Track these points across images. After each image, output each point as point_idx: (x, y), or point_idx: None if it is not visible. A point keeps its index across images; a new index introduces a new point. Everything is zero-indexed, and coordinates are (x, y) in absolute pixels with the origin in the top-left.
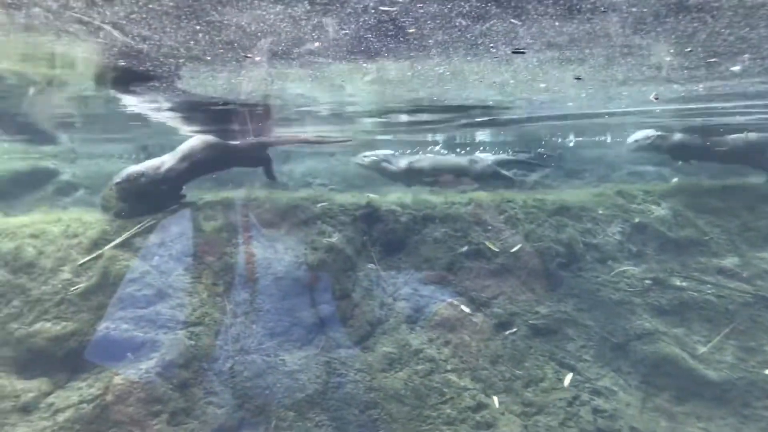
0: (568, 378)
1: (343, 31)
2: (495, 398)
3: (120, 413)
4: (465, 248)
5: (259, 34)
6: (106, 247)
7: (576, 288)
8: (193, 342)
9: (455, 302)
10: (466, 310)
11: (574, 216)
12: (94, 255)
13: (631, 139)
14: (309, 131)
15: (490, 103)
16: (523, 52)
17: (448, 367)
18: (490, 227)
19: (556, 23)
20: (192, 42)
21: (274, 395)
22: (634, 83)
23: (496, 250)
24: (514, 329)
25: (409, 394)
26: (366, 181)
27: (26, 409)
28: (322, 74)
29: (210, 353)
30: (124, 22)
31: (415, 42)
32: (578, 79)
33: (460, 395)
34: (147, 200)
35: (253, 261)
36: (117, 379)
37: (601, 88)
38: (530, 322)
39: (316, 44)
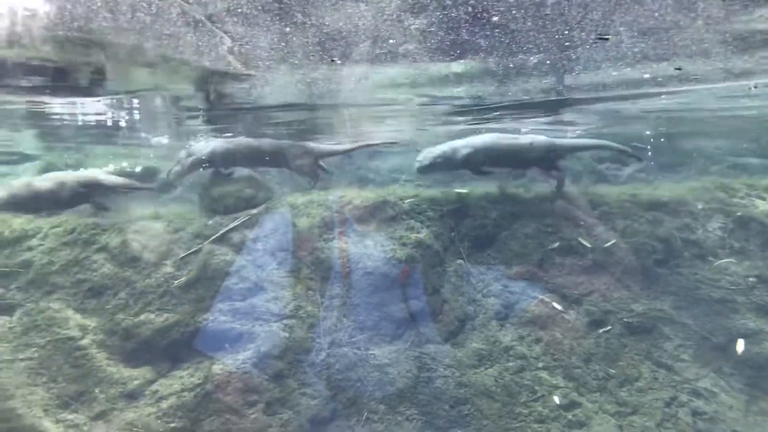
0: (741, 344)
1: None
2: (555, 397)
3: (219, 402)
4: (556, 244)
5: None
6: (205, 242)
7: (673, 285)
8: (287, 334)
9: (546, 299)
10: (558, 307)
11: (670, 211)
12: (193, 249)
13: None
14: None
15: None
16: (606, 39)
17: (540, 365)
18: (582, 222)
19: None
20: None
21: (365, 388)
22: None
23: (589, 246)
24: (608, 327)
25: (499, 390)
26: (453, 176)
27: (132, 396)
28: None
29: (303, 345)
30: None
31: None
32: (678, 69)
33: (551, 393)
34: None
35: (344, 256)
36: (216, 369)
37: None
38: (625, 320)
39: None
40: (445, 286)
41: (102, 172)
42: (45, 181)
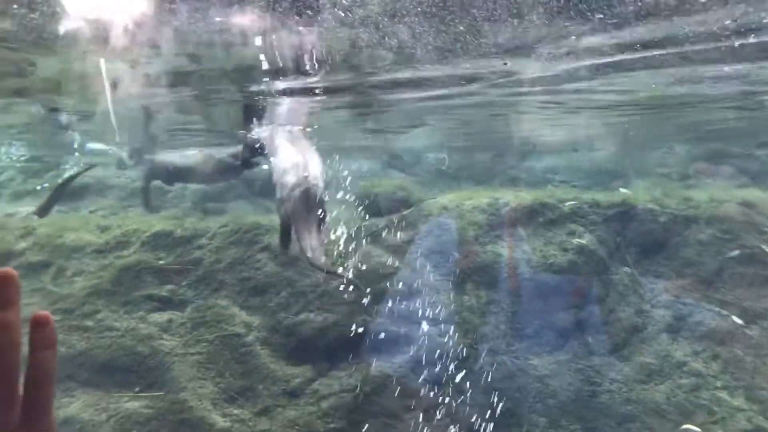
0: None
1: None
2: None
3: (377, 405)
4: (736, 252)
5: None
6: (351, 245)
7: None
8: (443, 339)
9: (724, 312)
10: (738, 321)
11: None
12: (349, 249)
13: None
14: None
15: None
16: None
17: (718, 384)
18: (766, 229)
19: None
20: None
21: (524, 399)
22: None
23: None
24: None
25: (671, 409)
26: (612, 176)
27: (294, 394)
28: None
29: (460, 352)
30: None
31: None
32: None
33: (732, 416)
34: None
35: (500, 261)
36: (374, 371)
37: None
38: None
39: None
40: (610, 295)
41: None
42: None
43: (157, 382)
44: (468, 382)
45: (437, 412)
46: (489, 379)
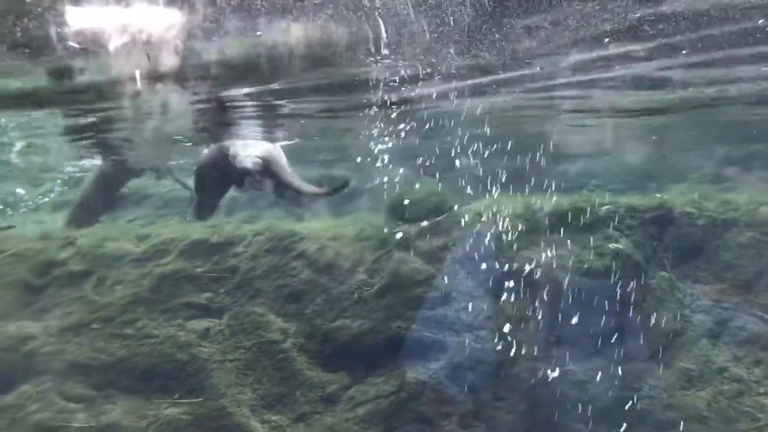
0: None
1: None
2: None
3: (413, 411)
4: None
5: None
6: (387, 250)
7: None
8: (479, 346)
9: (767, 317)
10: None
11: None
12: (382, 253)
13: None
14: None
15: None
16: None
17: (761, 390)
18: None
19: None
20: None
21: (562, 405)
22: None
23: None
24: None
25: (713, 416)
26: (648, 180)
27: (330, 400)
28: None
29: (496, 358)
30: None
31: None
32: None
33: None
34: None
35: (536, 266)
36: (409, 378)
37: None
38: None
39: None
40: (647, 300)
41: None
42: None
43: (196, 389)
44: (504, 389)
45: (473, 419)
46: (526, 386)
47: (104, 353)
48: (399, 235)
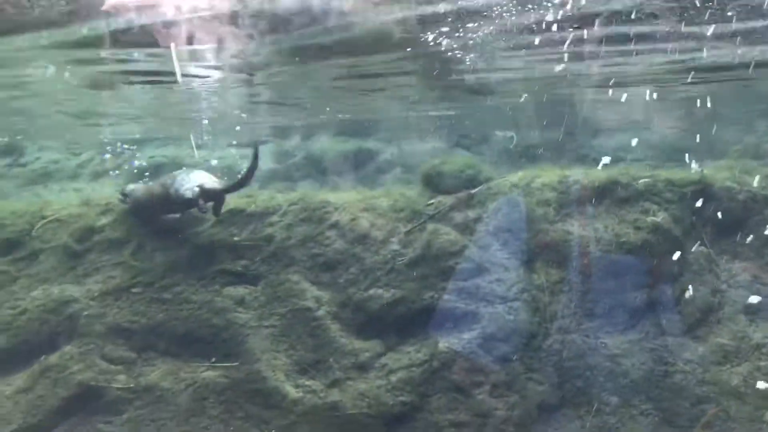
0: None
1: None
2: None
3: (446, 380)
4: None
5: None
6: (422, 221)
7: None
8: (512, 317)
9: None
10: None
11: None
12: (417, 224)
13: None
14: None
15: None
16: None
17: None
18: None
19: None
20: None
21: (595, 378)
22: None
23: None
24: None
25: (749, 392)
26: (687, 154)
27: (363, 367)
28: None
29: (529, 330)
30: None
31: None
32: None
33: None
34: None
35: (571, 239)
36: (442, 347)
37: None
38: None
39: None
40: (684, 275)
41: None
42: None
43: (232, 354)
44: (537, 360)
45: (505, 389)
46: (558, 358)
47: (144, 317)
48: (433, 207)
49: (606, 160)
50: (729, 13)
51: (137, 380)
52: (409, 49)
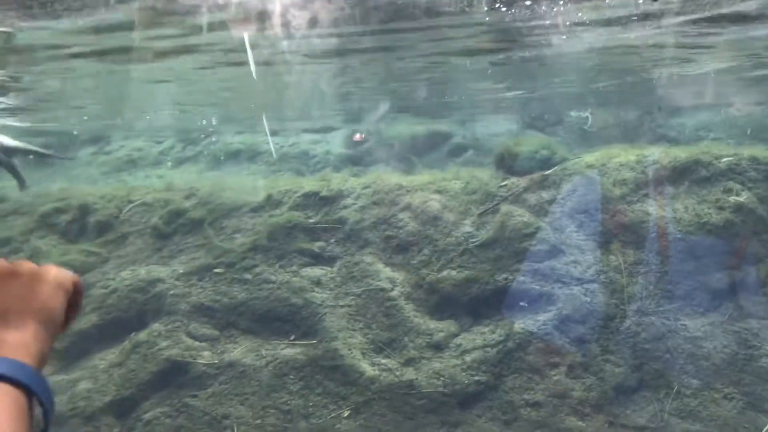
0: None
1: None
2: None
3: (521, 360)
4: None
5: None
6: (496, 203)
7: None
8: (588, 299)
9: None
10: None
11: None
12: (490, 206)
13: None
14: None
15: None
16: None
17: None
18: None
19: None
20: None
21: (675, 360)
22: None
23: None
24: None
25: None
26: None
27: (438, 347)
28: None
29: (606, 311)
30: None
31: None
32: None
33: None
34: None
35: (649, 220)
36: (517, 328)
37: None
38: None
39: None
40: None
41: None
42: None
43: (310, 332)
44: (614, 342)
45: (582, 371)
46: (636, 339)
47: (226, 296)
48: (506, 188)
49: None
50: None
51: (221, 357)
52: (487, 21)
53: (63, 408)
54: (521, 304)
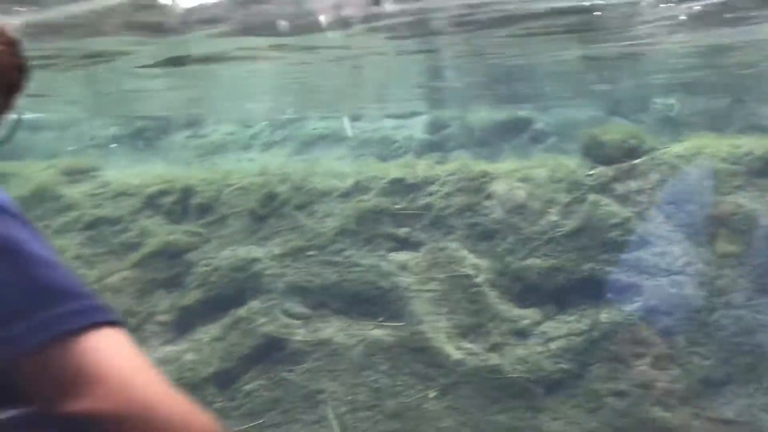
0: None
1: None
2: None
3: (606, 350)
4: None
5: None
6: (583, 192)
7: None
8: (675, 290)
9: None
10: None
11: None
12: (576, 195)
13: None
14: None
15: None
16: None
17: None
18: None
19: None
20: None
21: (765, 355)
22: None
23: None
24: None
25: None
26: None
27: (522, 334)
28: None
29: (694, 303)
30: None
31: None
32: None
33: None
34: None
35: (741, 212)
36: (602, 318)
37: None
38: None
39: None
40: None
41: None
42: None
43: (397, 315)
44: (702, 335)
45: (668, 362)
46: (726, 333)
47: (318, 277)
48: (594, 177)
49: None
50: None
51: (315, 334)
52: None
53: (171, 377)
54: (608, 294)
